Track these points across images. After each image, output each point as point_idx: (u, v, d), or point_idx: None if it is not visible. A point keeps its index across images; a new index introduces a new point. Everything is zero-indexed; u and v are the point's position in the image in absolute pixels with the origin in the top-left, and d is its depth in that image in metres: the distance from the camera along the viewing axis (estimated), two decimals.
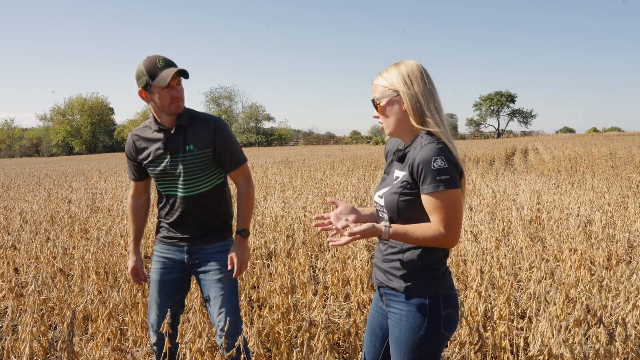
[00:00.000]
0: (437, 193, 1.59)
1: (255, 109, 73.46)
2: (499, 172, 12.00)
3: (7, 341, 2.85)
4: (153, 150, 2.38)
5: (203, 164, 2.37)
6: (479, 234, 4.81)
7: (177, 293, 2.52)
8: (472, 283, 3.38)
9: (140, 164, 2.46)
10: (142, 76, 2.27)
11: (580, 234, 4.39)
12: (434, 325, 1.67)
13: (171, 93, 2.27)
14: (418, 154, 1.62)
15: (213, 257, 2.44)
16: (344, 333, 3.30)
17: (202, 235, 2.45)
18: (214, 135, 2.36)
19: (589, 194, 7.17)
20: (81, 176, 16.03)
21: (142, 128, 2.46)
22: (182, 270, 2.49)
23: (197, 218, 2.43)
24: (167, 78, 2.21)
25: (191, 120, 2.38)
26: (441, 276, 1.71)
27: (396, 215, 1.71)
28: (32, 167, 28.30)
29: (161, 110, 2.33)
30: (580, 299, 3.19)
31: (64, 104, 72.28)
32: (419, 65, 1.72)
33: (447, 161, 1.59)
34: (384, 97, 1.73)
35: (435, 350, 1.70)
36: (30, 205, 7.92)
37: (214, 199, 2.45)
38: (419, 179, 1.62)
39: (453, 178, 1.59)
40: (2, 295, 4.24)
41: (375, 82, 1.77)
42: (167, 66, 2.25)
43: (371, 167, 15.50)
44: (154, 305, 2.51)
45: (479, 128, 76.81)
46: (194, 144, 2.34)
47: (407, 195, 1.67)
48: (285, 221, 5.92)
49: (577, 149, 21.01)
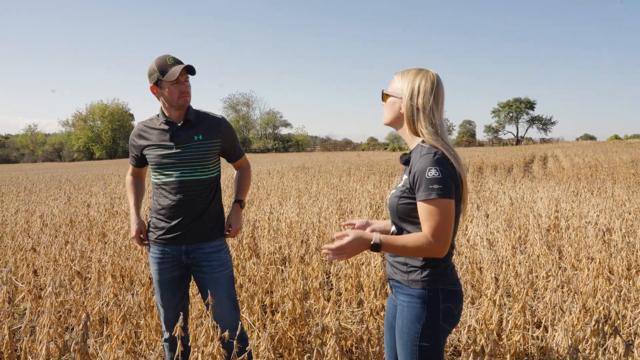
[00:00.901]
0: (430, 200, 1.66)
1: (273, 116, 73.91)
2: (517, 179, 11.85)
3: (24, 342, 2.91)
4: (158, 139, 2.55)
5: (209, 153, 2.55)
6: (495, 241, 4.76)
7: (181, 289, 2.65)
8: (486, 291, 3.34)
9: (141, 150, 2.62)
10: (153, 73, 2.48)
11: (599, 243, 4.31)
12: (432, 317, 1.76)
13: (179, 87, 2.48)
14: (417, 163, 1.73)
15: (211, 256, 2.56)
16: (356, 339, 3.28)
17: (198, 232, 2.55)
18: (222, 128, 2.61)
19: (608, 202, 7.03)
20: (101, 181, 16.30)
21: (148, 120, 2.65)
22: (181, 267, 2.61)
23: (194, 207, 2.53)
24: (176, 73, 2.42)
25: (198, 116, 2.59)
26: (441, 272, 1.78)
27: (396, 216, 1.82)
28: (53, 171, 28.85)
29: (170, 104, 2.52)
30: (597, 308, 3.13)
31: (85, 110, 73.74)
32: (434, 79, 1.81)
33: (442, 172, 1.67)
34: (391, 93, 1.89)
35: (434, 341, 1.78)
36: (50, 209, 8.08)
37: (210, 188, 2.60)
38: (415, 186, 1.72)
39: (446, 188, 1.66)
40: (22, 297, 4.32)
41: (395, 76, 1.91)
42: (176, 63, 2.48)
43: (387, 173, 15.45)
44: (161, 304, 2.64)
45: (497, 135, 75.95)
46: (202, 135, 2.54)
47: (406, 199, 1.77)
48: (300, 227, 5.93)
49: (597, 156, 20.63)
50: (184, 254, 2.56)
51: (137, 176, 2.83)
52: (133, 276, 4.34)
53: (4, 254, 5.19)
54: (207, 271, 2.55)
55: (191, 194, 2.53)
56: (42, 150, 75.27)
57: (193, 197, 2.53)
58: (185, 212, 2.53)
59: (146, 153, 2.59)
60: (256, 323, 3.43)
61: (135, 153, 2.68)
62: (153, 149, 2.56)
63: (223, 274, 2.57)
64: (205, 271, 2.55)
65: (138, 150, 2.65)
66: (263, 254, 4.74)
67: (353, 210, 7.17)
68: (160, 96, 2.53)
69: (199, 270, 2.57)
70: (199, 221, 2.55)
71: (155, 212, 2.61)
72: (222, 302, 2.51)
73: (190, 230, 2.54)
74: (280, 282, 3.90)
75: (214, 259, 2.56)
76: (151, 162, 2.59)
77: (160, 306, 2.66)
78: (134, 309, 3.38)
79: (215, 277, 2.54)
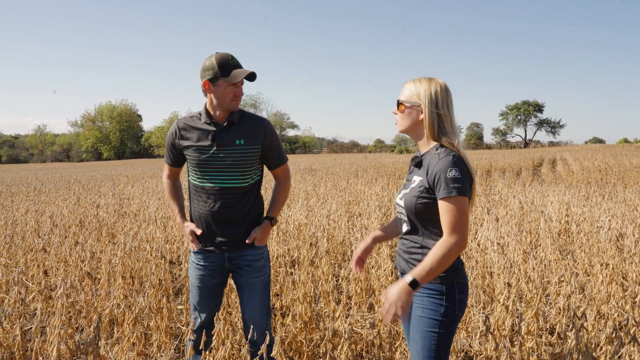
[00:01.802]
0: (450, 198, 1.82)
1: (280, 117, 74.04)
2: (526, 183, 11.78)
3: (35, 342, 2.91)
4: (200, 139, 2.45)
5: (250, 159, 2.46)
6: (506, 245, 4.72)
7: (219, 295, 2.65)
8: (499, 296, 3.31)
9: (180, 150, 2.53)
10: (212, 69, 2.36)
11: (612, 248, 4.26)
12: (450, 308, 1.93)
13: (235, 90, 2.40)
14: (436, 165, 1.88)
15: (252, 262, 2.54)
16: (367, 344, 3.26)
17: (239, 239, 2.52)
18: (264, 133, 2.50)
19: (620, 207, 6.96)
20: (109, 181, 16.38)
21: (189, 118, 2.53)
22: (222, 274, 2.59)
23: (235, 214, 2.48)
24: (239, 77, 2.35)
25: (242, 118, 2.49)
26: (456, 267, 1.96)
27: (414, 215, 1.96)
28: (62, 171, 29.05)
29: (220, 104, 2.42)
30: (612, 315, 3.09)
31: (94, 111, 74.26)
32: (446, 87, 1.99)
33: (461, 172, 1.84)
34: (408, 102, 2.00)
35: (450, 328, 1.95)
36: (60, 210, 8.12)
37: (251, 194, 2.53)
38: (435, 185, 1.87)
39: (464, 187, 1.83)
40: (32, 297, 4.33)
41: (406, 85, 2.03)
42: (237, 65, 2.40)
43: (395, 176, 15.41)
44: (197, 307, 2.61)
45: (505, 138, 75.52)
46: (244, 139, 2.44)
47: (424, 199, 1.91)
48: (308, 229, 5.91)
49: (607, 159, 20.46)
50: (226, 261, 2.54)
51: (174, 178, 2.72)
52: (143, 277, 4.34)
53: (14, 254, 5.22)
54: (245, 275, 2.54)
55: (230, 201, 2.47)
56: (50, 150, 75.88)
57: (232, 204, 2.47)
58: (225, 219, 2.48)
59: (186, 153, 2.51)
60: None
61: (171, 153, 2.58)
62: (193, 149, 2.46)
63: (259, 280, 2.55)
64: (243, 275, 2.54)
65: (177, 148, 2.54)
66: (272, 257, 4.73)
67: (362, 213, 7.15)
68: (211, 93, 2.41)
69: (238, 274, 2.56)
70: (239, 229, 2.51)
71: (196, 219, 2.56)
72: (255, 306, 2.53)
73: (231, 239, 2.51)
74: (290, 285, 3.88)
75: (255, 266, 2.54)
76: (191, 163, 2.51)
77: (196, 310, 2.62)
78: (145, 311, 3.38)
79: (251, 282, 2.54)
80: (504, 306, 3.12)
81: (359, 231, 5.66)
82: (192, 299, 2.63)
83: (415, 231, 1.99)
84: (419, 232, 1.98)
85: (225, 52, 2.40)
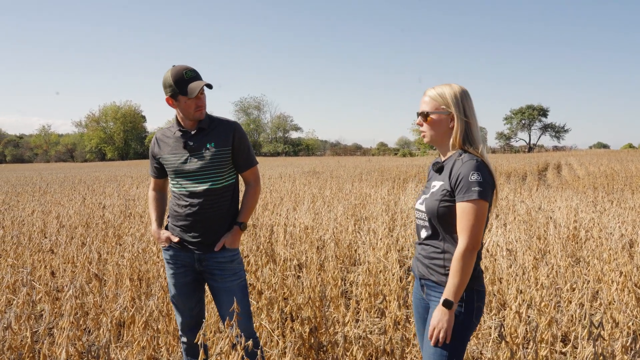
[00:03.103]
0: (470, 201, 1.81)
1: (284, 119, 74.14)
2: (533, 188, 11.72)
3: (44, 345, 2.89)
4: (173, 147, 2.56)
5: (221, 161, 2.52)
6: (515, 251, 4.68)
7: (196, 293, 2.67)
8: (511, 304, 3.27)
9: (159, 160, 2.63)
10: (169, 86, 2.46)
11: (625, 255, 4.21)
12: (468, 314, 1.92)
13: (196, 102, 2.48)
14: (461, 168, 1.87)
15: (223, 265, 2.56)
16: (377, 349, 3.23)
17: (211, 242, 2.54)
18: (234, 135, 2.56)
19: (630, 214, 6.91)
20: (114, 182, 16.39)
21: (166, 129, 2.66)
22: (195, 272, 2.62)
23: (208, 217, 2.52)
24: (195, 91, 2.42)
25: (211, 123, 2.58)
26: (477, 275, 1.95)
27: (436, 219, 1.94)
28: (66, 172, 29.12)
29: (186, 117, 2.53)
30: (627, 323, 3.05)
31: (98, 111, 74.48)
32: (466, 91, 1.98)
33: (484, 177, 1.84)
34: (435, 112, 1.98)
35: (467, 334, 1.95)
36: (66, 210, 8.11)
37: (225, 197, 2.57)
38: (457, 188, 1.86)
39: (485, 192, 1.83)
40: (39, 298, 4.32)
41: (429, 94, 2.01)
42: (193, 79, 2.46)
43: (400, 179, 15.36)
44: (177, 308, 2.67)
45: (509, 142, 75.33)
46: (215, 142, 2.52)
47: (446, 202, 1.90)
48: (315, 233, 5.88)
49: (612, 165, 20.35)
50: (196, 262, 2.58)
51: (159, 190, 2.80)
52: (150, 279, 4.32)
53: (21, 255, 5.21)
54: (220, 279, 2.55)
55: (205, 203, 2.52)
56: (55, 150, 76.12)
57: (207, 206, 2.52)
58: (199, 221, 2.53)
59: (163, 162, 2.61)
60: (275, 331, 3.39)
61: (154, 163, 2.69)
62: (168, 157, 2.57)
63: (236, 283, 2.57)
64: (218, 279, 2.56)
65: (156, 159, 2.66)
66: (279, 260, 4.70)
67: (369, 217, 7.12)
68: (175, 107, 2.53)
69: (211, 278, 2.58)
70: (212, 231, 2.55)
71: (171, 218, 2.63)
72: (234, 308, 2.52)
73: (203, 240, 2.54)
74: (298, 289, 3.85)
75: (227, 269, 2.56)
76: (167, 171, 2.61)
77: (176, 310, 2.69)
78: (154, 314, 3.36)
79: (228, 285, 2.55)
80: (517, 313, 3.09)
81: (367, 235, 5.62)
82: (171, 298, 2.69)
83: (436, 236, 1.98)
84: (440, 237, 1.96)
85: (179, 66, 2.47)
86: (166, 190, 2.84)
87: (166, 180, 2.77)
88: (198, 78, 2.48)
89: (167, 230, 2.64)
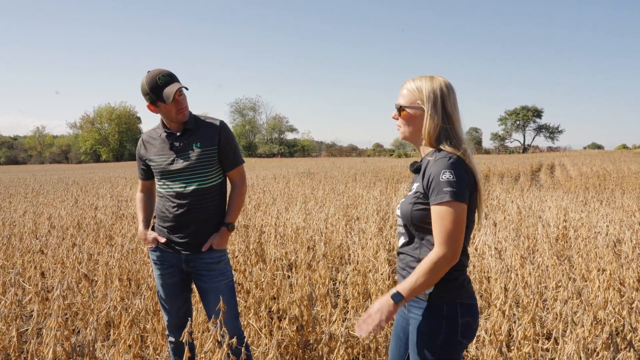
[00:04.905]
0: (442, 203, 1.61)
1: (279, 120, 74.08)
2: (524, 188, 11.79)
3: (31, 344, 2.90)
4: (159, 149, 2.57)
5: (207, 161, 2.53)
6: (503, 250, 4.72)
7: (183, 293, 2.68)
8: (495, 301, 3.31)
9: (145, 162, 2.64)
10: (146, 94, 2.47)
11: (610, 254, 4.26)
12: (451, 332, 1.69)
13: (176, 106, 2.48)
14: (431, 167, 1.68)
15: (210, 266, 2.56)
16: (363, 348, 3.26)
17: (199, 243, 2.55)
18: (220, 134, 2.56)
19: (618, 213, 6.97)
20: (107, 183, 16.36)
21: (153, 130, 2.66)
22: (182, 273, 2.63)
23: (196, 217, 2.53)
24: (170, 96, 2.41)
25: (197, 123, 2.58)
26: (459, 285, 1.73)
27: (411, 224, 1.75)
28: (60, 173, 29.02)
29: (170, 120, 2.55)
30: (609, 321, 3.09)
31: (93, 113, 74.22)
32: (449, 85, 1.77)
33: (456, 175, 1.62)
34: (410, 107, 1.79)
35: (452, 356, 1.71)
36: (58, 211, 8.10)
37: (213, 196, 2.58)
38: (429, 190, 1.67)
39: (459, 192, 1.61)
40: (29, 299, 4.32)
41: (406, 85, 1.81)
42: (167, 83, 2.44)
43: (393, 180, 15.41)
44: (164, 308, 2.69)
45: (503, 143, 75.62)
46: (201, 142, 2.53)
47: (420, 205, 1.71)
48: (306, 233, 5.91)
49: (605, 165, 20.50)
50: (184, 262, 2.58)
51: (146, 192, 2.80)
52: (140, 280, 4.34)
53: (12, 256, 5.21)
54: (207, 280, 2.56)
55: (193, 203, 2.52)
56: (49, 151, 75.80)
57: (194, 206, 2.52)
58: (186, 221, 2.53)
59: (150, 164, 2.61)
60: (263, 329, 3.41)
61: (141, 165, 2.70)
62: (154, 159, 2.57)
63: (223, 284, 2.58)
64: (205, 280, 2.57)
65: (142, 161, 2.67)
66: (269, 260, 4.73)
67: (360, 217, 7.15)
68: (157, 113, 2.54)
69: (199, 279, 2.59)
70: (200, 231, 2.55)
71: (158, 219, 2.64)
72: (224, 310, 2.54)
73: (190, 240, 2.55)
74: (288, 288, 3.88)
75: (214, 270, 2.57)
76: (154, 172, 2.62)
77: (164, 310, 2.71)
78: (141, 313, 3.38)
79: (216, 286, 2.56)
80: (500, 311, 3.12)
81: (357, 235, 5.65)
82: (159, 298, 2.71)
83: (412, 243, 1.77)
84: (416, 245, 1.76)
85: (153, 72, 2.45)
86: (154, 191, 2.84)
87: (153, 182, 2.77)
88: (173, 81, 2.45)
89: (154, 231, 2.65)
